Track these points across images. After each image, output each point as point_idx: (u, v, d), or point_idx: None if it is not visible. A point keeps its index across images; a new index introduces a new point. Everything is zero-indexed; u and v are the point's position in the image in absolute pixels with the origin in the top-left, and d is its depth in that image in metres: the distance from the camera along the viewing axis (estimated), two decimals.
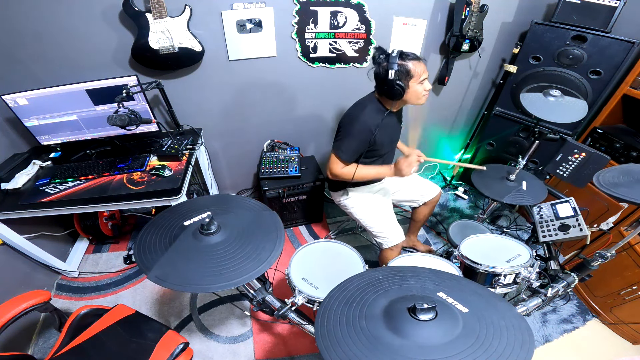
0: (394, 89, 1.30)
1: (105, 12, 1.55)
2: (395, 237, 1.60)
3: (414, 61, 1.29)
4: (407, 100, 1.38)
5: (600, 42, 1.69)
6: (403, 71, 1.29)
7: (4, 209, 1.48)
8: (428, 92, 1.38)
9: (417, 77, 1.31)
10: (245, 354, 1.63)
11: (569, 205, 1.37)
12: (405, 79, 1.30)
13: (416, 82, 1.32)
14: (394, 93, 1.31)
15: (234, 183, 2.56)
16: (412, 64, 1.29)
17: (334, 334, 0.69)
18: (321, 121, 2.32)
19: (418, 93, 1.35)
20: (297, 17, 1.78)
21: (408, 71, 1.29)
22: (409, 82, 1.31)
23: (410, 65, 1.28)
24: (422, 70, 1.31)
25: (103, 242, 2.24)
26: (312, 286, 1.19)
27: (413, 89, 1.33)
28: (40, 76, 1.65)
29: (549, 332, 1.73)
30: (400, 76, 1.29)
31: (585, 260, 1.18)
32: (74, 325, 1.22)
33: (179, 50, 1.64)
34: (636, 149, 1.63)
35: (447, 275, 0.90)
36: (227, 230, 0.95)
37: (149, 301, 1.87)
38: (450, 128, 2.66)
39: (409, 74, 1.30)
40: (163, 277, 0.83)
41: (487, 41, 2.07)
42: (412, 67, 1.29)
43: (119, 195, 1.52)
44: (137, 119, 1.41)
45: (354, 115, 1.41)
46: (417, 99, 1.38)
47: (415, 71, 1.29)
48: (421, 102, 1.39)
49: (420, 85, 1.34)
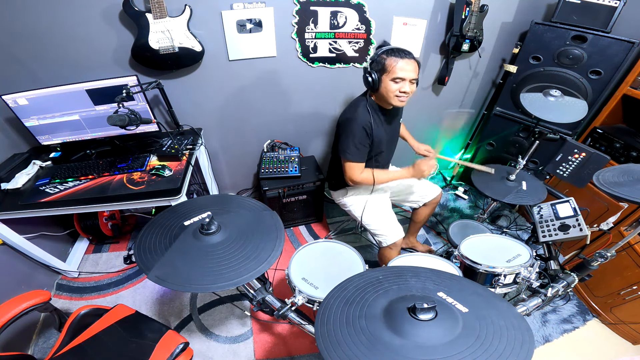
0: (366, 78, 1.32)
1: (105, 12, 1.55)
2: (394, 234, 1.60)
3: (398, 58, 1.25)
4: (381, 96, 1.36)
5: (600, 42, 1.69)
6: (379, 63, 1.28)
7: (4, 209, 1.48)
8: (404, 94, 1.31)
9: (390, 73, 1.27)
10: (245, 354, 1.63)
11: (569, 205, 1.37)
12: (380, 72, 1.29)
13: (389, 79, 1.28)
14: (366, 83, 1.33)
15: (234, 183, 2.56)
16: (393, 60, 1.26)
17: (334, 334, 0.69)
18: (321, 121, 2.32)
19: (388, 90, 1.31)
20: (297, 17, 1.78)
21: (383, 65, 1.27)
22: (381, 75, 1.30)
23: (389, 60, 1.26)
24: (403, 69, 1.26)
25: (103, 242, 2.24)
26: (312, 286, 1.19)
27: (384, 84, 1.30)
28: (40, 76, 1.65)
29: (549, 332, 1.73)
30: (375, 68, 1.29)
31: (585, 260, 1.18)
32: (74, 325, 1.22)
33: (179, 50, 1.64)
34: (636, 149, 1.63)
35: (447, 275, 0.90)
36: (227, 230, 0.95)
37: (149, 301, 1.87)
38: (450, 128, 2.65)
39: (383, 68, 1.28)
40: (163, 277, 0.83)
41: (487, 41, 2.06)
42: (388, 62, 1.26)
43: (119, 195, 1.52)
44: (137, 119, 1.41)
45: (349, 115, 1.42)
46: (387, 96, 1.33)
47: (391, 67, 1.26)
48: (392, 101, 1.34)
49: (393, 83, 1.29)
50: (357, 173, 1.44)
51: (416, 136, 1.84)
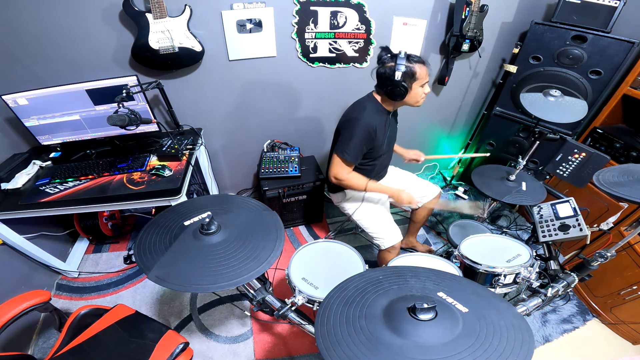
0: (398, 89, 1.31)
1: (105, 12, 1.55)
2: (392, 238, 1.60)
3: (419, 64, 1.31)
4: (407, 101, 1.39)
5: (600, 42, 1.69)
6: (409, 73, 1.30)
7: (4, 209, 1.48)
8: (426, 95, 1.40)
9: (420, 79, 1.33)
10: (245, 354, 1.63)
11: (569, 205, 1.38)
12: (410, 81, 1.32)
13: (418, 85, 1.35)
14: (397, 93, 1.32)
15: (234, 183, 2.56)
16: (418, 67, 1.31)
17: (334, 334, 0.69)
18: (321, 121, 2.32)
19: (418, 95, 1.38)
20: (297, 17, 1.78)
21: (414, 73, 1.31)
22: (412, 84, 1.33)
23: (416, 67, 1.30)
24: (425, 73, 1.34)
25: (103, 242, 2.24)
26: (312, 286, 1.19)
27: (415, 91, 1.35)
28: (40, 76, 1.65)
29: (549, 332, 1.73)
30: (405, 77, 1.30)
31: (585, 260, 1.18)
32: (74, 325, 1.22)
33: (179, 50, 1.64)
34: (636, 149, 1.63)
35: (447, 275, 0.90)
36: (227, 230, 0.95)
37: (149, 301, 1.87)
38: (450, 128, 2.66)
39: (414, 76, 1.31)
40: (163, 277, 0.83)
41: (487, 41, 2.07)
42: (417, 70, 1.31)
43: (119, 195, 1.52)
44: (137, 119, 1.41)
45: (355, 115, 1.41)
46: (415, 102, 1.40)
47: (420, 74, 1.32)
48: (419, 104, 1.42)
49: (421, 88, 1.36)
50: (344, 172, 1.44)
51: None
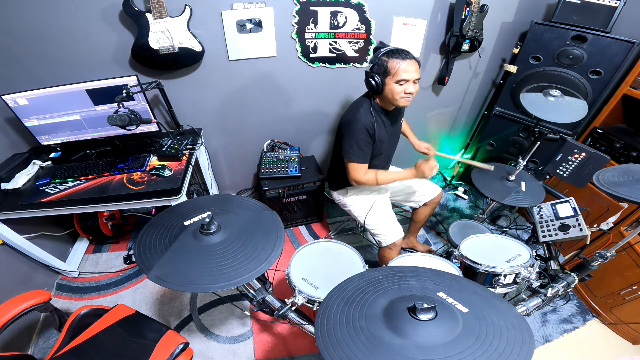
0: (369, 83, 1.32)
1: (105, 12, 1.55)
2: (394, 234, 1.60)
3: (400, 60, 1.26)
4: (386, 98, 1.36)
5: (600, 42, 1.69)
6: (381, 66, 1.28)
7: (4, 209, 1.48)
8: (409, 95, 1.32)
9: (395, 76, 1.27)
10: (245, 354, 1.63)
11: (569, 205, 1.38)
12: (383, 75, 1.30)
13: (393, 81, 1.28)
14: (370, 87, 1.33)
15: (234, 183, 2.55)
16: (395, 62, 1.26)
17: (334, 334, 0.69)
18: (321, 121, 2.32)
19: (393, 92, 1.31)
20: (297, 17, 1.78)
21: (385, 68, 1.27)
22: (384, 78, 1.30)
23: (391, 62, 1.26)
24: (406, 70, 1.26)
25: (103, 242, 2.24)
26: (312, 286, 1.19)
27: (389, 86, 1.31)
28: (40, 76, 1.65)
29: (549, 332, 1.73)
30: (377, 71, 1.29)
31: (585, 260, 1.18)
32: (74, 325, 1.22)
33: (179, 50, 1.64)
34: (636, 149, 1.63)
35: (447, 275, 0.90)
36: (227, 230, 0.95)
37: (149, 301, 1.87)
38: (450, 128, 2.66)
39: (387, 71, 1.28)
40: (163, 277, 0.83)
41: (487, 41, 2.06)
42: (391, 65, 1.26)
43: (119, 195, 1.52)
44: (137, 119, 1.41)
45: (351, 117, 1.42)
46: (392, 99, 1.34)
47: (394, 69, 1.26)
48: (398, 103, 1.34)
49: (398, 85, 1.29)
50: (360, 174, 1.45)
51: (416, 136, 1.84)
